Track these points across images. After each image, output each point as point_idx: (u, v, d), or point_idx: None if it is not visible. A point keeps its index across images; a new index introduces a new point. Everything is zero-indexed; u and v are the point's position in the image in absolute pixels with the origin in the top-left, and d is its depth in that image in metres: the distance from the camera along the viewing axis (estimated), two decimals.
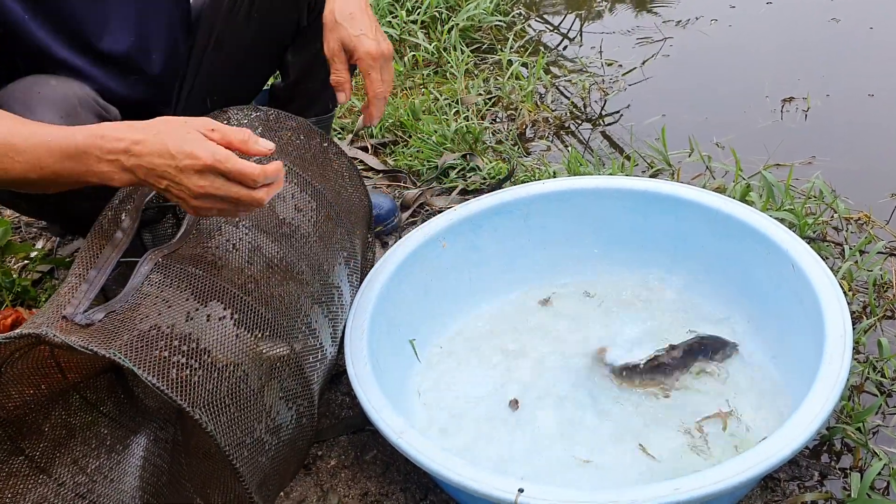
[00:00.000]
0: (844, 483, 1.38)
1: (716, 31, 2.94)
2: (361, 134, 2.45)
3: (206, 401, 1.07)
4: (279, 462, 1.20)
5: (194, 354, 1.10)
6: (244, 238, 1.31)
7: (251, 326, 1.18)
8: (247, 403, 1.13)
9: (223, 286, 1.20)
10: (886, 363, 1.54)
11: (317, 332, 1.33)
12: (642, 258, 1.73)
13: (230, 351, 1.14)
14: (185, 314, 1.14)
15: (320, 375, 1.33)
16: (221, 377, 1.10)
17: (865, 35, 2.82)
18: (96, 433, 1.39)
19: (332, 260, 1.46)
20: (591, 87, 2.61)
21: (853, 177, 2.09)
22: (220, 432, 1.07)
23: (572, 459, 1.41)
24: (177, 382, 1.05)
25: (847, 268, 1.72)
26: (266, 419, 1.16)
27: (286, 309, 1.27)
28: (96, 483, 1.33)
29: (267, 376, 1.18)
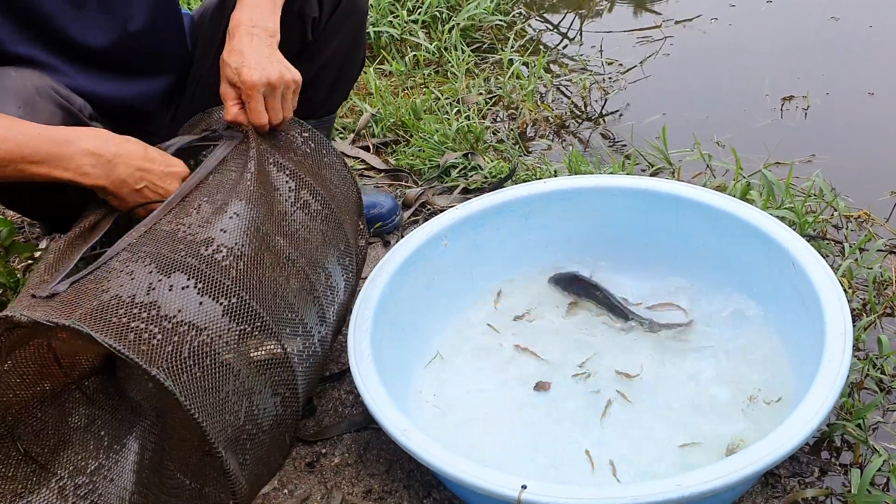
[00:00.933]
0: (844, 479, 1.39)
1: (716, 29, 2.94)
2: (363, 133, 2.46)
3: (165, 360, 1.09)
4: (256, 430, 1.21)
5: (154, 320, 1.13)
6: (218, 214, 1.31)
7: (217, 295, 1.21)
8: (212, 365, 1.15)
9: (187, 259, 1.22)
10: (886, 360, 1.55)
11: (295, 307, 1.33)
12: (643, 256, 1.74)
13: (194, 317, 1.17)
14: (147, 285, 1.17)
15: (301, 350, 1.33)
16: (183, 340, 1.13)
17: (865, 34, 2.83)
18: (94, 434, 1.40)
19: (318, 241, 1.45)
20: (591, 86, 2.62)
21: (853, 175, 2.10)
22: (181, 388, 1.09)
23: (578, 454, 1.42)
24: (135, 345, 1.09)
25: (847, 265, 1.73)
26: (235, 382, 1.18)
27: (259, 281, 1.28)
28: (97, 483, 1.34)
29: (237, 343, 1.19)
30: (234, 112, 1.42)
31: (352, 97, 2.57)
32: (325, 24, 1.70)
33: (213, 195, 1.32)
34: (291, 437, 1.34)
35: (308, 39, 1.70)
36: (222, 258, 1.24)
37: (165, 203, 1.32)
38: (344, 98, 1.91)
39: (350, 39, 1.76)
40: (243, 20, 1.45)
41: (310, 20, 1.67)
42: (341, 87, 1.86)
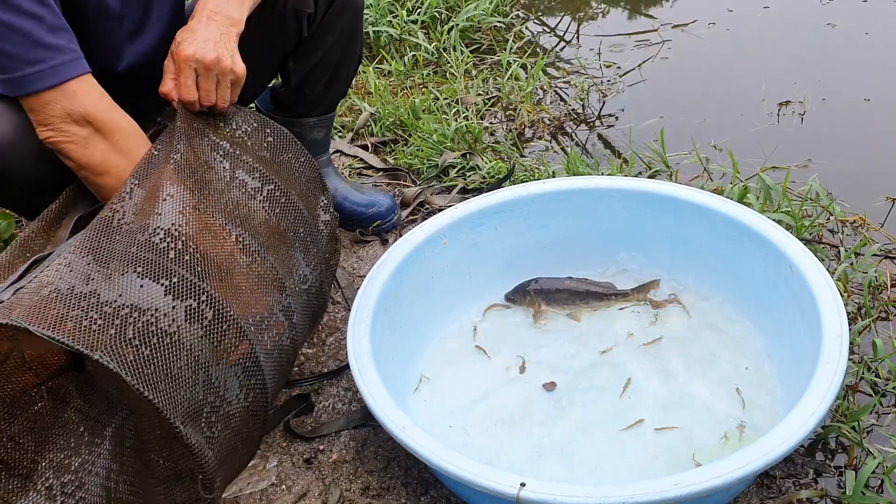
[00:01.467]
0: (839, 481, 1.40)
1: (713, 34, 2.96)
2: (362, 132, 2.46)
3: (107, 344, 1.11)
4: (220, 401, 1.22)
5: (94, 307, 1.14)
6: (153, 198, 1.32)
7: (157, 276, 1.21)
8: (160, 344, 1.16)
9: (125, 247, 1.23)
10: (881, 364, 1.57)
11: (239, 278, 1.33)
12: (641, 258, 1.75)
13: (135, 299, 1.18)
14: (86, 276, 1.18)
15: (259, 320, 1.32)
16: (126, 323, 1.14)
17: (861, 40, 2.85)
18: (74, 431, 1.40)
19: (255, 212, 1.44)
20: (589, 88, 2.63)
21: (848, 180, 2.12)
22: (127, 370, 1.10)
23: (574, 453, 1.43)
24: (75, 333, 1.10)
25: (842, 269, 1.74)
26: (188, 358, 1.19)
27: (199, 257, 1.29)
28: (83, 479, 1.34)
29: (184, 319, 1.20)
30: (168, 86, 1.42)
31: (351, 96, 2.57)
32: (320, 20, 1.70)
33: (143, 178, 1.33)
34: (266, 409, 1.34)
35: (304, 36, 1.70)
36: (159, 241, 1.25)
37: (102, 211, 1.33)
38: (342, 96, 1.91)
39: (346, 36, 1.76)
40: (208, 4, 1.45)
41: (305, 16, 1.67)
42: (338, 84, 1.86)
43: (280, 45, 1.73)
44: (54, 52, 1.31)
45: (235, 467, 1.35)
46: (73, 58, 1.34)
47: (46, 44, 1.31)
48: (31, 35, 1.29)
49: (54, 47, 1.31)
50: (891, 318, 1.69)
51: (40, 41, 1.30)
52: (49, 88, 1.32)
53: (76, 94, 1.34)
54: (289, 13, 1.66)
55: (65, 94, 1.33)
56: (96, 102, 1.37)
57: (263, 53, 1.71)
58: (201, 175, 1.38)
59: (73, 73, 1.33)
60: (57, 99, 1.32)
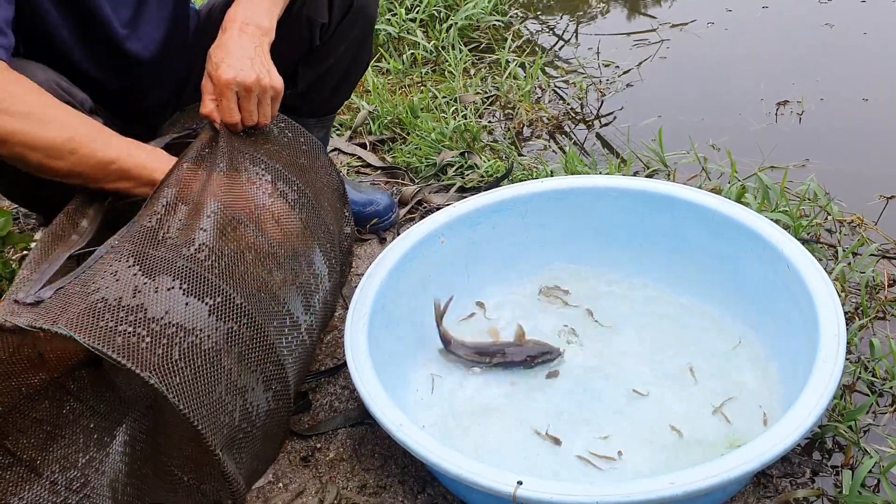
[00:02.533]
0: (836, 480, 1.40)
1: (712, 33, 2.96)
2: (360, 130, 2.46)
3: (156, 364, 1.09)
4: (251, 427, 1.22)
5: (142, 323, 1.12)
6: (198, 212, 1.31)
7: (202, 295, 1.20)
8: (203, 366, 1.15)
9: (172, 259, 1.22)
10: (878, 363, 1.57)
11: (281, 300, 1.33)
12: (639, 257, 1.75)
13: (181, 318, 1.17)
14: (133, 287, 1.17)
15: (291, 342, 1.33)
16: (172, 342, 1.13)
17: (860, 40, 2.85)
18: (83, 427, 1.39)
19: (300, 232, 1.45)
20: (588, 87, 2.63)
21: (846, 180, 2.12)
22: (175, 392, 1.09)
23: (570, 454, 1.43)
24: (125, 348, 1.08)
25: (840, 269, 1.75)
26: (227, 381, 1.17)
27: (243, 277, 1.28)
28: (88, 476, 1.34)
29: (224, 341, 1.20)
30: (209, 107, 1.41)
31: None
32: (333, 29, 1.70)
33: (187, 193, 1.32)
34: (285, 430, 1.35)
35: (315, 44, 1.71)
36: (204, 257, 1.24)
37: (146, 202, 1.32)
38: (346, 99, 1.91)
39: (357, 45, 1.76)
40: (238, 16, 1.44)
41: (318, 25, 1.68)
42: (344, 89, 1.87)
43: (291, 52, 1.73)
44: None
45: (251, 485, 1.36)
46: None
47: None
48: None
49: None
50: (888, 317, 1.69)
51: None
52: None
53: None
54: (303, 21, 1.66)
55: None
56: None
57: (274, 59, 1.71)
58: (243, 190, 1.37)
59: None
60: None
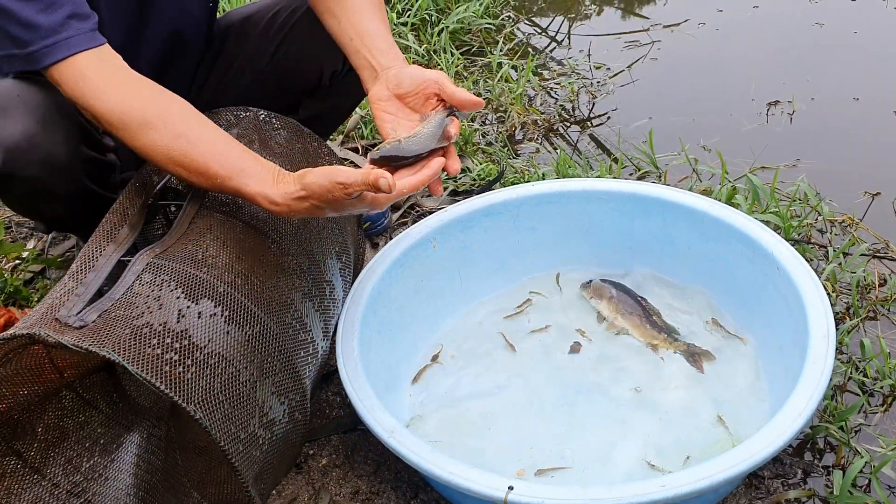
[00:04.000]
0: (827, 481, 1.41)
1: (703, 34, 2.97)
2: (352, 135, 2.47)
3: (200, 397, 1.09)
4: (273, 456, 1.21)
5: (186, 351, 1.11)
6: (236, 234, 1.32)
7: (241, 323, 1.20)
8: (240, 399, 1.14)
9: (213, 283, 1.21)
10: (869, 363, 1.57)
11: (308, 327, 1.35)
12: (630, 259, 1.76)
13: (222, 348, 1.16)
14: (177, 312, 1.15)
15: (312, 370, 1.34)
16: (214, 373, 1.12)
17: (850, 40, 2.86)
18: (90, 432, 1.40)
19: (323, 255, 1.47)
20: (579, 89, 2.63)
21: (837, 179, 2.12)
22: (216, 428, 1.08)
23: (562, 457, 1.44)
24: (171, 378, 1.07)
25: (831, 269, 1.75)
26: (259, 414, 1.17)
27: (277, 304, 1.29)
28: (91, 482, 1.34)
29: (259, 371, 1.20)
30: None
31: None
32: (343, 75, 1.72)
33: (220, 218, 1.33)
34: (298, 454, 1.35)
35: (324, 83, 1.73)
36: (242, 283, 1.24)
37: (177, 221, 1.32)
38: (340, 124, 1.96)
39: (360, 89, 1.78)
40: None
41: (330, 72, 1.70)
42: (341, 120, 1.91)
43: (299, 86, 1.75)
44: (33, 34, 1.24)
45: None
46: (53, 41, 1.24)
47: (30, 23, 1.23)
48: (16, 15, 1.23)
49: (35, 27, 1.23)
50: (879, 317, 1.70)
51: (22, 20, 1.23)
52: (41, 72, 1.26)
53: (59, 83, 1.27)
54: (314, 65, 1.70)
55: (54, 81, 1.27)
56: (76, 91, 1.26)
57: (279, 89, 1.74)
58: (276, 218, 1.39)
59: (50, 58, 1.25)
60: (57, 84, 1.27)
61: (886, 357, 1.56)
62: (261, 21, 1.71)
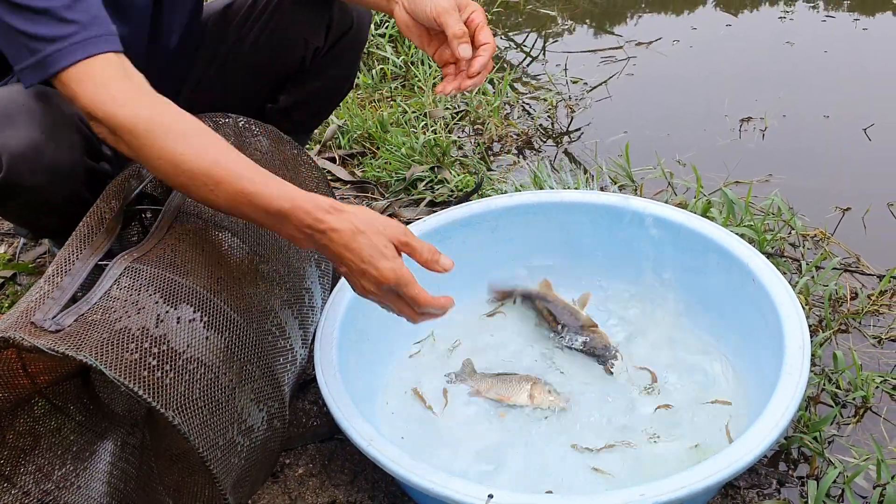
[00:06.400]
0: (801, 491, 1.42)
1: (677, 51, 3.01)
2: (329, 145, 2.46)
3: (178, 402, 1.07)
4: (251, 464, 1.20)
5: (165, 357, 1.10)
6: (214, 240, 1.31)
7: (221, 329, 1.19)
8: (219, 405, 1.13)
9: (193, 288, 1.20)
10: (841, 375, 1.59)
11: (287, 334, 1.34)
12: (607, 271, 1.77)
13: (201, 353, 1.15)
14: (156, 317, 1.14)
15: (291, 377, 1.34)
16: (193, 379, 1.11)
17: (820, 58, 2.92)
18: (62, 440, 1.37)
19: (301, 262, 1.47)
20: (557, 103, 2.65)
21: (809, 194, 2.16)
22: (194, 434, 1.07)
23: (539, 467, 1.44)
24: (149, 384, 1.06)
25: (804, 283, 1.77)
26: (238, 420, 1.16)
27: (256, 311, 1.28)
28: (62, 490, 1.32)
29: (238, 378, 1.18)
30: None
31: None
32: (325, 52, 1.71)
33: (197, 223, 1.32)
34: (275, 462, 1.34)
35: (306, 65, 1.71)
36: (220, 288, 1.23)
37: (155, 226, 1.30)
38: (325, 118, 1.93)
39: (345, 70, 1.77)
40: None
41: (313, 48, 1.68)
42: (325, 112, 1.89)
43: (282, 69, 1.73)
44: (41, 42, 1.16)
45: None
46: (65, 44, 1.16)
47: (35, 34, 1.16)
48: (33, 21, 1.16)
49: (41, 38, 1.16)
50: (850, 330, 1.72)
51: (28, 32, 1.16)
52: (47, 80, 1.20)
53: (69, 89, 1.19)
54: (298, 42, 1.67)
55: (63, 87, 1.19)
56: (92, 98, 1.17)
57: (263, 74, 1.72)
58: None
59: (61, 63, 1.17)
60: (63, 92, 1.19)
61: (858, 369, 1.59)
62: (241, 8, 1.70)
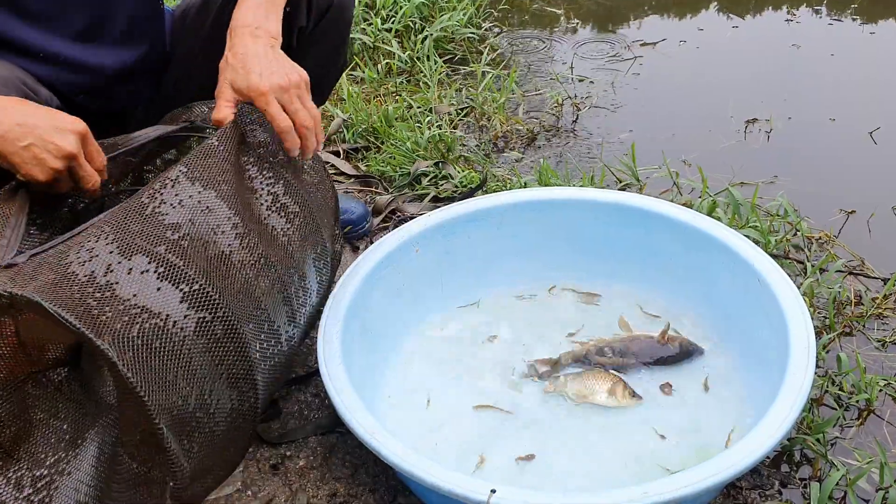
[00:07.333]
0: (804, 492, 1.42)
1: (684, 51, 3.01)
2: (334, 139, 2.46)
3: (113, 336, 1.09)
4: (207, 417, 1.21)
5: (108, 301, 1.12)
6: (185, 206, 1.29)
7: (176, 281, 1.19)
8: (163, 348, 1.14)
9: (151, 244, 1.20)
10: (845, 377, 1.59)
11: (262, 304, 1.31)
12: (612, 269, 1.76)
13: (148, 301, 1.16)
14: (107, 266, 1.16)
15: (265, 347, 1.31)
16: (134, 321, 1.13)
17: (827, 61, 2.92)
18: (56, 427, 1.37)
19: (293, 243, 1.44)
20: (563, 101, 2.65)
21: (813, 197, 2.15)
22: (127, 366, 1.09)
23: (539, 464, 1.43)
24: (85, 317, 1.08)
25: (808, 285, 1.77)
26: (187, 367, 1.17)
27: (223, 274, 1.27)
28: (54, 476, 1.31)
29: (193, 331, 1.19)
30: (226, 112, 1.37)
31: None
32: (309, 32, 1.69)
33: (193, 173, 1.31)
34: (250, 434, 1.33)
35: (291, 46, 1.69)
36: (188, 245, 1.23)
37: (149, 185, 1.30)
38: (321, 103, 1.90)
39: (332, 49, 1.75)
40: (247, 20, 1.40)
41: (296, 28, 1.67)
42: (318, 95, 1.85)
43: None
44: None
45: (212, 481, 1.33)
46: None
47: None
48: None
49: None
50: (854, 333, 1.72)
51: None
52: None
53: None
54: (282, 24, 1.65)
55: None
56: None
57: None
58: (245, 194, 1.36)
59: None
60: None
61: (862, 372, 1.58)
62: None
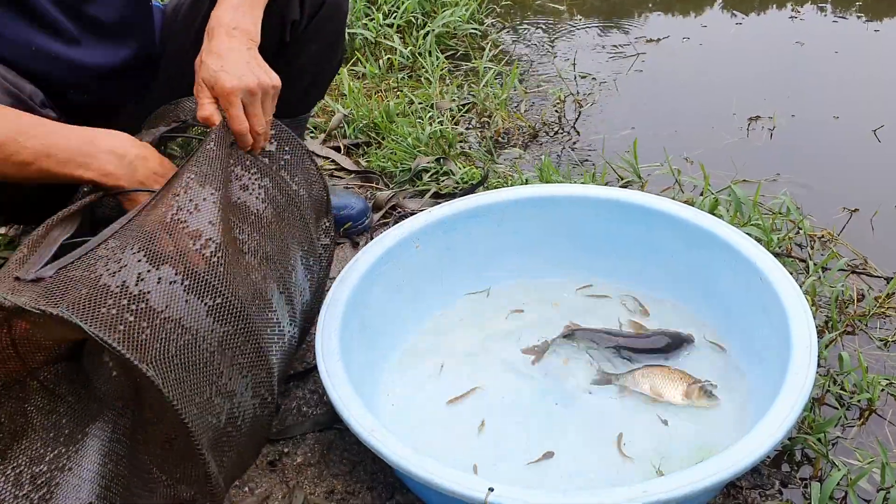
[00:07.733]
0: (804, 492, 1.41)
1: (687, 48, 2.99)
2: (334, 134, 2.45)
3: (153, 357, 1.07)
4: (234, 430, 1.20)
5: (143, 314, 1.10)
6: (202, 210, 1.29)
7: (201, 293, 1.18)
8: (197, 365, 1.13)
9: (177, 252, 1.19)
10: (846, 377, 1.58)
11: (273, 307, 1.32)
12: (613, 266, 1.75)
13: (180, 314, 1.14)
14: (137, 274, 1.14)
15: (279, 350, 1.31)
16: (170, 338, 1.11)
17: (831, 59, 2.90)
18: (55, 423, 1.36)
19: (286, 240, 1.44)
20: (565, 98, 2.64)
21: (816, 195, 2.14)
22: (169, 387, 1.07)
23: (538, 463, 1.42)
24: (125, 338, 1.06)
25: (810, 283, 1.76)
26: (218, 383, 1.16)
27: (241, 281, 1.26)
28: (54, 473, 1.31)
29: (220, 343, 1.18)
30: (210, 110, 1.36)
31: (324, 97, 2.55)
32: (304, 26, 1.68)
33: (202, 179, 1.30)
34: (266, 437, 1.33)
35: (286, 41, 1.68)
36: (210, 254, 1.22)
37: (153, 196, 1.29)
38: (319, 99, 1.89)
39: (328, 43, 1.74)
40: (224, 20, 1.40)
41: (290, 22, 1.65)
42: (316, 90, 1.85)
43: (262, 50, 1.70)
44: None
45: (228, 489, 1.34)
46: None
47: None
48: None
49: None
50: (857, 332, 1.71)
51: None
52: None
53: None
54: (274, 18, 1.64)
55: None
56: None
57: None
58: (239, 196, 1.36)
59: None
60: None
61: (864, 371, 1.57)
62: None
